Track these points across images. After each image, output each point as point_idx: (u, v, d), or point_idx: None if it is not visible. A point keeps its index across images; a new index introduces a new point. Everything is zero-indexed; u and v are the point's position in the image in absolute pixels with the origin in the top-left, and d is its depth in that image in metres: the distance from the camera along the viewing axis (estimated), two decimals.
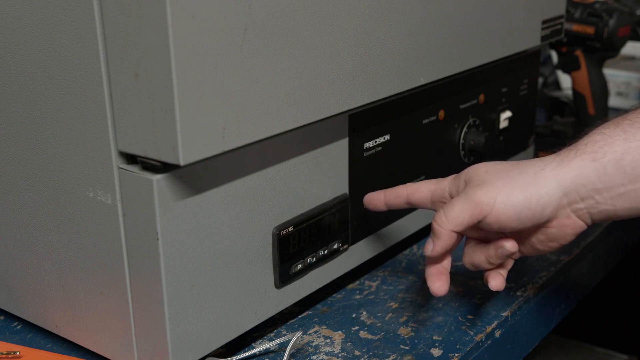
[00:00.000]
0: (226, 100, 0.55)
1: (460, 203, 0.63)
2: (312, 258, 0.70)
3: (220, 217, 0.60)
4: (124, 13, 0.52)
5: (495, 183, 0.62)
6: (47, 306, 0.68)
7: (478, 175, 0.64)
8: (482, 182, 0.63)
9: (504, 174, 0.63)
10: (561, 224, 0.63)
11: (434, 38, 0.75)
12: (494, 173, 0.63)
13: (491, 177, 0.63)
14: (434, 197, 0.69)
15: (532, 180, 0.62)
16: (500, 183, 0.62)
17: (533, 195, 0.61)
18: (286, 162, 0.65)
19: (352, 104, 0.67)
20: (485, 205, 0.62)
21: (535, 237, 0.65)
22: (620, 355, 1.33)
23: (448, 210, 0.63)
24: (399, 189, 0.71)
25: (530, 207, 0.61)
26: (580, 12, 1.08)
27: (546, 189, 0.61)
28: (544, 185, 0.61)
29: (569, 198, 0.61)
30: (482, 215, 0.62)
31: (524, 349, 0.78)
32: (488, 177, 0.63)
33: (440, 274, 0.67)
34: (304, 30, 0.60)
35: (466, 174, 0.66)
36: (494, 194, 0.62)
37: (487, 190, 0.62)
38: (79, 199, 0.61)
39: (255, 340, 0.71)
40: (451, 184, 0.67)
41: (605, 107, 1.12)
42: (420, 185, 0.70)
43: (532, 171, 0.62)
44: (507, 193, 0.62)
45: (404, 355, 0.68)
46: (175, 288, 0.58)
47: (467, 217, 0.63)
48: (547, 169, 0.62)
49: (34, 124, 0.62)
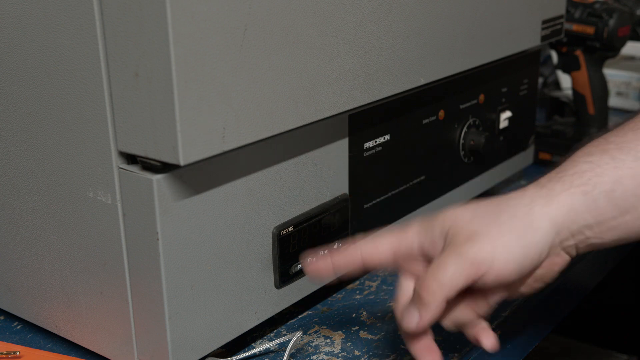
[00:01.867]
0: (226, 100, 0.55)
1: (452, 264, 0.54)
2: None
3: (220, 217, 0.60)
4: (124, 13, 0.52)
5: (488, 233, 0.55)
6: (47, 306, 0.68)
7: (464, 225, 0.56)
8: (471, 234, 0.55)
9: (493, 219, 0.55)
10: (550, 263, 0.58)
11: (434, 38, 0.75)
12: (481, 219, 0.56)
13: (480, 227, 0.55)
14: (397, 254, 0.59)
15: (526, 224, 0.55)
16: (493, 233, 0.55)
17: (531, 243, 0.55)
18: (286, 162, 0.65)
19: (352, 104, 0.67)
20: (482, 264, 0.54)
21: (522, 281, 0.59)
22: (620, 355, 1.33)
23: (439, 274, 0.54)
24: (351, 251, 0.60)
25: (529, 255, 0.55)
26: (580, 12, 1.08)
27: (541, 232, 0.55)
28: (538, 228, 0.55)
29: (560, 236, 0.56)
30: (479, 275, 0.54)
31: (524, 349, 0.78)
32: (476, 226, 0.55)
33: (430, 349, 0.59)
34: (304, 30, 0.60)
35: (442, 225, 0.57)
36: (491, 249, 0.54)
37: (482, 244, 0.54)
38: (79, 199, 0.61)
39: (255, 340, 0.71)
40: (420, 236, 0.58)
41: (605, 107, 1.12)
42: (378, 243, 0.59)
43: (521, 212, 0.55)
44: (504, 246, 0.54)
45: (403, 356, 0.68)
46: (175, 288, 0.58)
47: (463, 280, 0.54)
48: (536, 208, 0.55)
49: (34, 124, 0.62)
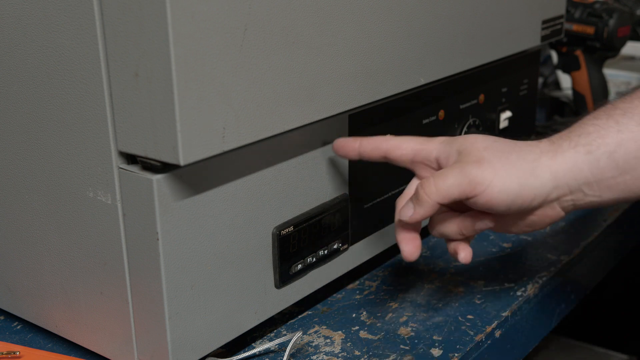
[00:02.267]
0: (226, 100, 0.55)
1: (453, 176, 0.61)
2: (312, 258, 0.70)
3: (220, 217, 0.60)
4: (124, 13, 0.52)
5: (494, 164, 0.61)
6: (47, 306, 0.68)
7: (476, 150, 0.62)
8: (479, 159, 0.61)
9: (504, 155, 0.61)
10: (543, 214, 0.63)
11: (434, 38, 0.75)
12: (493, 152, 0.61)
13: (490, 156, 0.61)
14: (416, 157, 0.66)
15: (529, 168, 0.60)
16: (498, 165, 0.61)
17: (528, 185, 0.60)
18: (286, 162, 0.65)
19: (352, 104, 0.67)
20: (479, 185, 0.60)
21: (513, 219, 0.64)
22: (620, 355, 1.33)
23: (439, 180, 0.61)
24: (378, 140, 0.67)
25: (522, 196, 0.60)
26: (580, 12, 1.08)
27: (540, 180, 0.60)
28: (539, 176, 0.60)
29: (558, 192, 0.61)
30: (473, 194, 0.61)
31: (524, 349, 0.78)
32: (487, 154, 0.61)
33: (414, 239, 0.65)
34: (304, 30, 0.60)
35: (461, 144, 0.63)
36: (491, 176, 0.60)
37: (485, 170, 0.61)
38: (79, 199, 0.61)
39: (255, 340, 0.71)
40: (440, 148, 0.65)
41: None
42: (403, 142, 0.66)
43: (530, 158, 0.61)
44: (503, 177, 0.60)
45: (404, 355, 0.68)
46: (175, 288, 0.58)
47: (458, 192, 0.61)
48: (543, 159, 0.61)
49: (34, 124, 0.62)
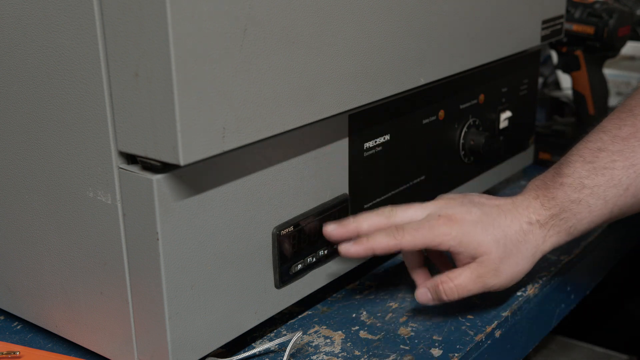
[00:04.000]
0: (226, 100, 0.55)
1: (477, 288, 0.70)
2: (312, 258, 0.70)
3: (220, 217, 0.60)
4: (124, 13, 0.52)
5: (508, 273, 0.70)
6: (47, 306, 0.68)
7: (492, 262, 0.69)
8: (497, 271, 0.69)
9: (514, 260, 0.70)
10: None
11: (434, 38, 0.75)
12: (507, 262, 0.69)
13: (504, 267, 0.69)
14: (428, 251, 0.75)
15: (530, 263, 0.71)
16: (511, 272, 0.70)
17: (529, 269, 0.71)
18: (286, 162, 0.65)
19: (352, 104, 0.67)
20: (497, 288, 0.71)
21: None
22: (620, 355, 1.33)
23: (461, 289, 0.69)
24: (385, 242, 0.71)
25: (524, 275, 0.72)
26: (580, 12, 1.08)
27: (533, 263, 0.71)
28: (534, 262, 0.71)
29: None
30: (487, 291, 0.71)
31: (524, 349, 0.78)
32: (502, 267, 0.69)
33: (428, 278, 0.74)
34: (303, 30, 0.60)
35: (475, 250, 0.69)
36: (508, 284, 0.71)
37: (505, 280, 0.70)
38: (79, 199, 0.61)
39: (255, 340, 0.71)
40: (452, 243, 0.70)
41: (605, 107, 1.12)
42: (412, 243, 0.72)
43: (530, 253, 0.70)
44: (515, 280, 0.71)
45: (404, 355, 0.68)
46: (175, 288, 0.58)
47: (475, 293, 0.70)
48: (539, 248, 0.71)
49: (34, 124, 0.62)
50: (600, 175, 0.69)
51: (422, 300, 0.71)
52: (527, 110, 1.00)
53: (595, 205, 0.69)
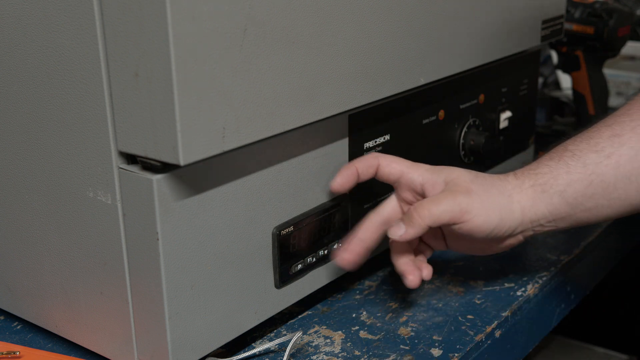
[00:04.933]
0: (226, 100, 0.55)
1: (446, 203, 0.66)
2: (312, 258, 0.70)
3: (220, 217, 0.60)
4: (124, 13, 0.52)
5: (480, 195, 0.67)
6: (47, 306, 0.68)
7: (464, 182, 0.67)
8: (468, 190, 0.67)
9: (487, 189, 0.67)
10: (507, 242, 0.71)
11: (434, 38, 0.75)
12: (478, 185, 0.67)
13: (477, 188, 0.67)
14: (402, 178, 0.70)
15: (507, 202, 0.67)
16: (484, 197, 0.67)
17: (506, 219, 0.67)
18: (286, 162, 0.65)
19: (352, 104, 0.67)
20: (468, 213, 0.66)
21: (477, 244, 0.72)
22: (620, 355, 1.33)
23: (432, 205, 0.66)
24: (369, 158, 0.71)
25: (501, 227, 0.67)
26: (580, 12, 1.08)
27: (514, 215, 0.68)
28: (513, 211, 0.68)
29: (523, 226, 0.69)
30: (461, 221, 0.66)
31: (524, 349, 0.78)
32: (474, 187, 0.67)
33: (414, 268, 0.71)
34: (303, 30, 0.60)
35: (447, 175, 0.68)
36: (478, 206, 0.66)
37: (474, 200, 0.66)
38: (79, 199, 0.61)
39: (255, 340, 0.71)
40: (426, 175, 0.69)
41: (605, 107, 1.12)
42: (392, 161, 0.70)
43: (506, 193, 0.68)
44: (487, 209, 0.67)
45: (404, 355, 0.68)
46: (175, 288, 0.58)
47: (448, 218, 0.66)
48: (514, 193, 0.68)
49: (34, 124, 0.62)
50: (585, 142, 0.69)
51: (393, 234, 0.67)
52: (527, 110, 1.00)
53: (574, 167, 0.68)
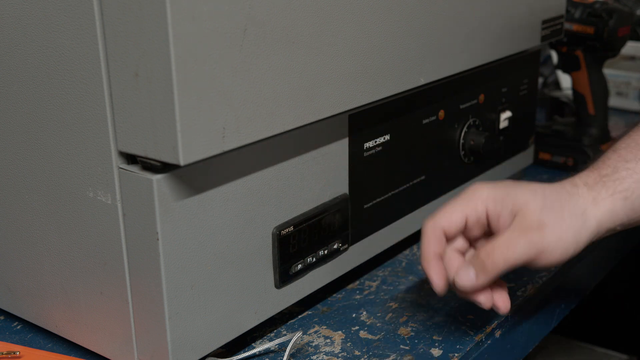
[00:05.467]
0: (226, 100, 0.55)
1: (521, 247, 0.60)
2: (312, 258, 0.70)
3: (220, 217, 0.60)
4: (124, 13, 0.52)
5: (554, 228, 0.60)
6: (47, 306, 0.68)
7: (533, 213, 0.61)
8: (540, 224, 0.60)
9: (559, 214, 0.61)
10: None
11: (434, 38, 0.75)
12: (549, 212, 0.61)
13: (549, 219, 0.61)
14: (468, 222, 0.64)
15: (581, 222, 0.61)
16: (557, 228, 0.60)
17: (581, 239, 0.62)
18: (286, 162, 0.65)
19: (352, 104, 0.67)
20: (544, 253, 0.60)
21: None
22: (620, 355, 1.33)
23: (507, 252, 0.60)
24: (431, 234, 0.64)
25: (577, 249, 0.62)
26: (580, 12, 1.08)
27: (589, 230, 0.62)
28: (588, 228, 0.62)
29: (599, 235, 0.63)
30: (536, 261, 0.61)
31: (524, 349, 0.78)
32: (545, 217, 0.61)
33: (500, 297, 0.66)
34: (303, 30, 0.60)
35: (513, 204, 0.62)
36: (555, 241, 0.60)
37: (548, 236, 0.60)
38: (79, 199, 0.61)
39: (255, 340, 0.71)
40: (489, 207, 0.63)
41: (605, 107, 1.12)
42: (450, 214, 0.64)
43: (579, 211, 0.62)
44: (564, 241, 0.61)
45: (404, 355, 0.68)
46: (175, 288, 0.58)
47: (523, 261, 0.61)
48: (589, 209, 0.62)
49: (34, 124, 0.62)
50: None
51: (464, 281, 0.61)
52: (527, 110, 1.00)
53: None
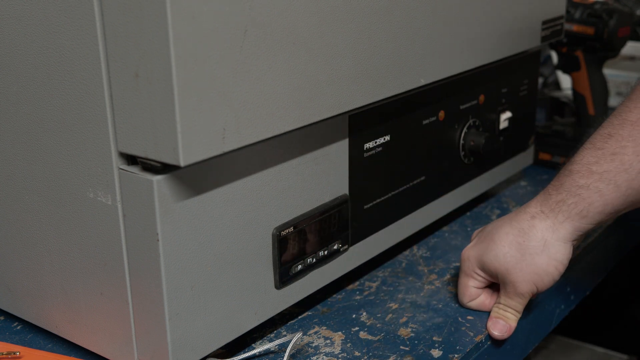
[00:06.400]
0: (226, 101, 0.55)
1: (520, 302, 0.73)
2: (312, 258, 0.70)
3: (220, 218, 0.60)
4: (124, 14, 0.52)
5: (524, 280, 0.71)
6: (47, 306, 0.68)
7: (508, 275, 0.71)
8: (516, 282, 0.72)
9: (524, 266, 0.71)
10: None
11: (434, 38, 0.75)
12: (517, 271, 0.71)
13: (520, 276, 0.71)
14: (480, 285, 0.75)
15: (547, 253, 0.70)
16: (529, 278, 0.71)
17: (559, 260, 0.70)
18: (286, 163, 0.65)
19: (352, 104, 0.67)
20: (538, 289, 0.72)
21: None
22: (620, 355, 1.33)
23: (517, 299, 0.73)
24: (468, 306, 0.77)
25: (563, 269, 0.71)
26: (580, 12, 1.08)
27: (562, 252, 0.70)
28: (558, 250, 0.70)
29: (573, 244, 0.71)
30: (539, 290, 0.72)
31: (523, 350, 0.78)
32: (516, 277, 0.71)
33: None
34: (304, 31, 0.60)
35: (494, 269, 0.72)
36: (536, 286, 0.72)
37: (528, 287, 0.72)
38: (79, 199, 0.61)
39: (255, 340, 0.71)
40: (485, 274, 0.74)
41: (605, 107, 1.12)
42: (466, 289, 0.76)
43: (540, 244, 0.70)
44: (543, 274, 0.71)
45: (403, 356, 0.68)
46: (175, 289, 0.58)
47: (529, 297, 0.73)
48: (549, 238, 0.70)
49: (35, 125, 0.62)
50: (610, 161, 0.67)
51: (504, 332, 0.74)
52: (527, 111, 1.00)
53: (607, 189, 0.67)
